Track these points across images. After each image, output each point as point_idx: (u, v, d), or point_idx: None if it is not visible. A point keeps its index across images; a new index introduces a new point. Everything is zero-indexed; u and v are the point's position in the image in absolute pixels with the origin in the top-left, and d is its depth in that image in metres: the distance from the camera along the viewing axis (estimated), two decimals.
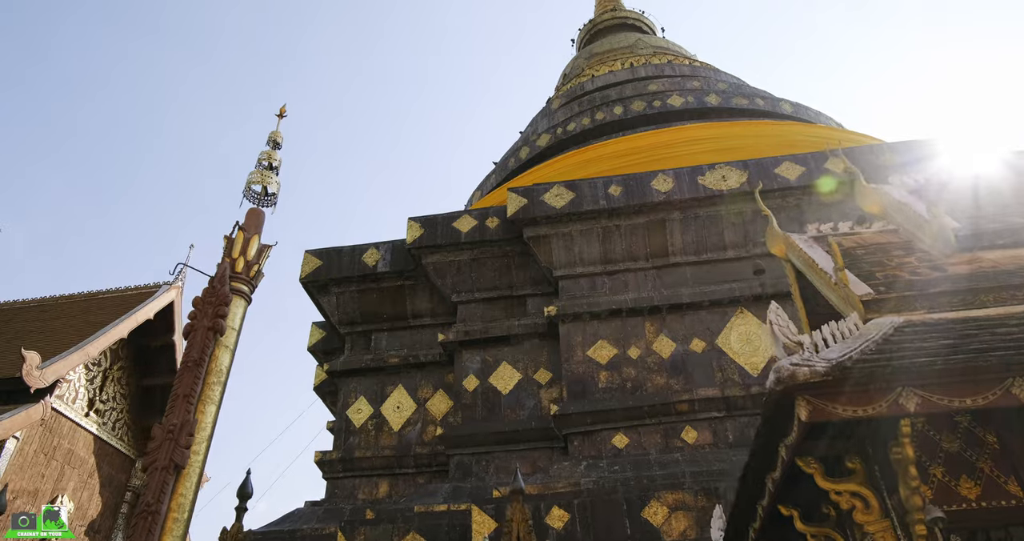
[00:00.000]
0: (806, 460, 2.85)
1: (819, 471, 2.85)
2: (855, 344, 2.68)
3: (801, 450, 2.75)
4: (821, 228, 4.57)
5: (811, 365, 2.53)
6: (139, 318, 16.66)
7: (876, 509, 2.76)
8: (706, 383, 8.95)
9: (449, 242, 10.55)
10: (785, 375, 2.53)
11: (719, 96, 13.71)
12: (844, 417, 2.49)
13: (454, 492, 8.71)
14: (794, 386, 2.52)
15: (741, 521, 3.78)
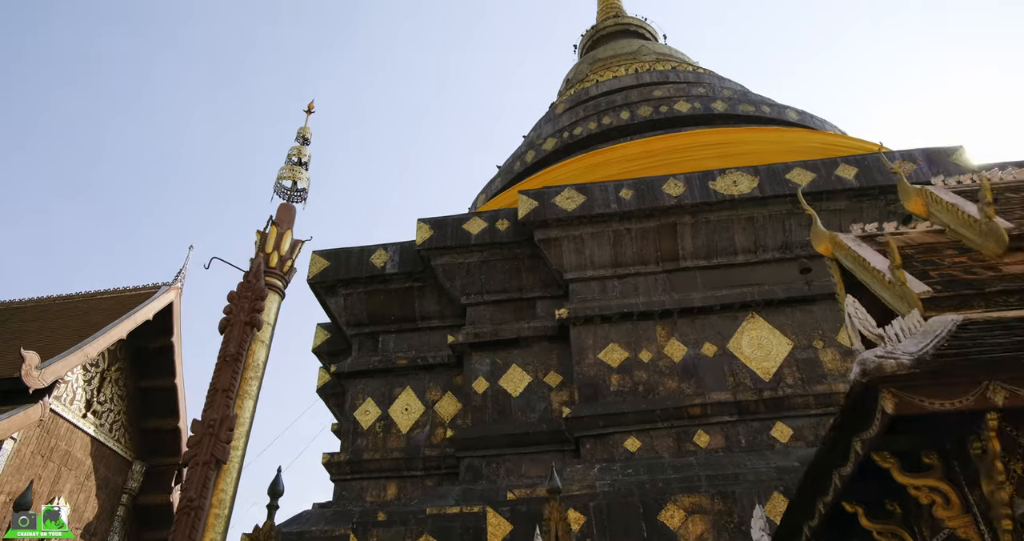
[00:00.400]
0: (882, 455, 2.84)
1: (895, 466, 2.84)
2: (927, 340, 2.67)
3: (878, 444, 2.74)
4: (866, 228, 4.58)
5: (896, 357, 2.52)
6: (138, 319, 16.53)
7: (957, 504, 2.75)
8: (718, 387, 8.96)
9: (459, 244, 10.53)
10: (871, 367, 2.52)
11: (725, 102, 13.78)
12: (930, 410, 2.48)
13: (465, 494, 8.67)
14: (880, 378, 2.51)
15: (797, 518, 3.77)
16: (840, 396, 8.62)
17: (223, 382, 3.99)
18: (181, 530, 3.44)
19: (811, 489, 3.38)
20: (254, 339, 4.26)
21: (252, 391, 4.14)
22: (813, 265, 9.85)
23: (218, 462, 3.75)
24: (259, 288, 4.41)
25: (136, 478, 16.92)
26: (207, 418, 3.88)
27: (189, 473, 3.70)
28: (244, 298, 4.36)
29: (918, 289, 3.22)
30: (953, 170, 9.77)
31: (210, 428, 3.81)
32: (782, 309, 9.49)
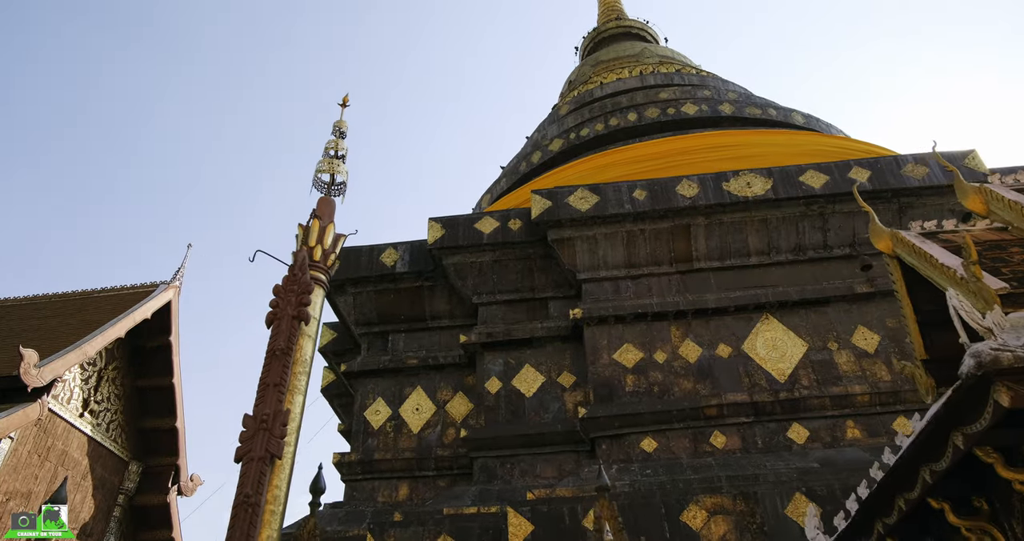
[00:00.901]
0: (985, 450, 2.83)
1: (999, 461, 2.82)
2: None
3: (983, 439, 2.73)
4: (925, 225, 4.58)
5: (1012, 350, 2.52)
6: (136, 317, 16.33)
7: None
8: (733, 388, 8.95)
9: (471, 243, 10.48)
10: (987, 360, 2.51)
11: (732, 105, 13.81)
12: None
13: (481, 495, 8.62)
14: (995, 371, 2.50)
15: (870, 515, 3.75)
16: (857, 397, 8.66)
17: (274, 376, 3.92)
18: (239, 527, 3.37)
19: (891, 485, 3.36)
20: (301, 333, 4.21)
21: (301, 386, 4.08)
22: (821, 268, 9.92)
23: (272, 458, 3.69)
24: (305, 282, 4.35)
25: (132, 478, 16.69)
26: (259, 413, 3.81)
27: (243, 469, 3.63)
28: (290, 292, 4.29)
29: (995, 285, 3.23)
30: (967, 174, 9.83)
31: (263, 423, 3.75)
32: (796, 311, 9.51)
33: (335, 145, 5.47)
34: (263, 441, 3.67)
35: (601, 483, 5.02)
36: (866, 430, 8.54)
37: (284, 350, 4.02)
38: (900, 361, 5.20)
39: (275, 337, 4.12)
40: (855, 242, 9.95)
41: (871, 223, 5.14)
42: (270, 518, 3.55)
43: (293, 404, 3.97)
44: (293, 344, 4.10)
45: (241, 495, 3.50)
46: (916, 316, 4.23)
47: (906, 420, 8.58)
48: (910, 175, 9.86)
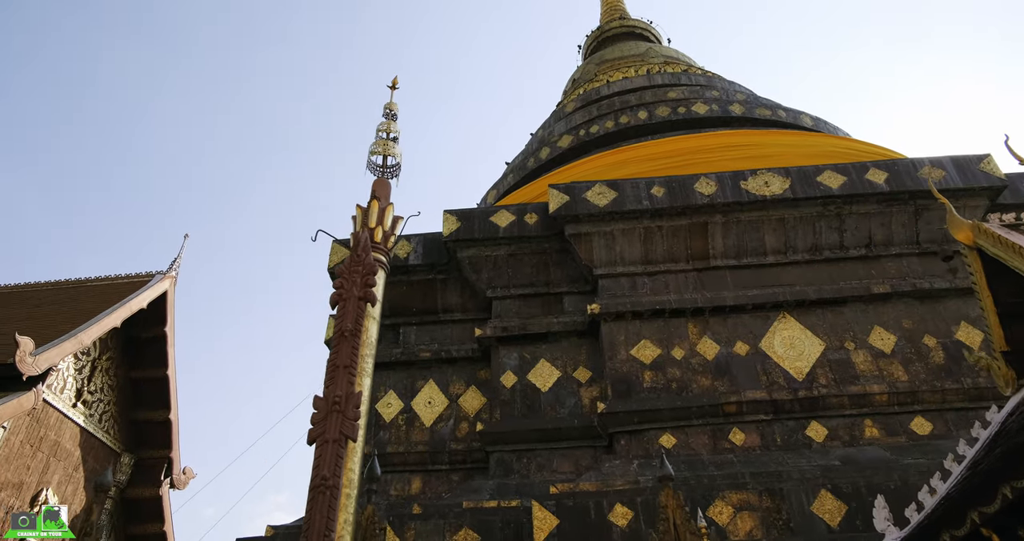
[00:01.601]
0: None
1: None
2: None
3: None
4: (1004, 217, 4.59)
5: None
6: (132, 307, 16.09)
7: None
8: (752, 386, 8.96)
9: (486, 236, 10.42)
10: None
11: (742, 106, 13.86)
12: None
13: (499, 489, 8.55)
14: None
15: (956, 504, 3.74)
16: (875, 397, 8.70)
17: (343, 358, 3.84)
18: (318, 509, 3.29)
19: (991, 472, 3.34)
20: (367, 315, 4.12)
21: (368, 368, 4.00)
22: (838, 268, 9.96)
23: (347, 439, 3.60)
24: (369, 263, 4.27)
25: (124, 471, 16.45)
26: (330, 395, 3.72)
27: (318, 451, 3.54)
28: (355, 273, 4.21)
29: None
30: (981, 178, 9.94)
31: (336, 405, 3.66)
32: (813, 310, 9.54)
33: (387, 127, 5.41)
34: (337, 423, 3.59)
35: (665, 472, 4.97)
36: (884, 429, 8.58)
37: (352, 331, 3.94)
38: (974, 354, 5.17)
39: (342, 318, 4.04)
40: (871, 243, 10.00)
41: (949, 214, 5.17)
42: (346, 502, 3.47)
43: (362, 387, 3.89)
44: (360, 325, 4.02)
45: (318, 478, 3.41)
46: (996, 308, 4.24)
47: (923, 420, 8.64)
48: (927, 178, 9.92)
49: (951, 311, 9.37)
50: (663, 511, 4.60)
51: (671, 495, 4.66)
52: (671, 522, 4.49)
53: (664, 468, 5.03)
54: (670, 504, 4.59)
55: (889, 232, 10.00)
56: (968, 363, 8.94)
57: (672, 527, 4.46)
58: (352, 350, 3.88)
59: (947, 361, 8.97)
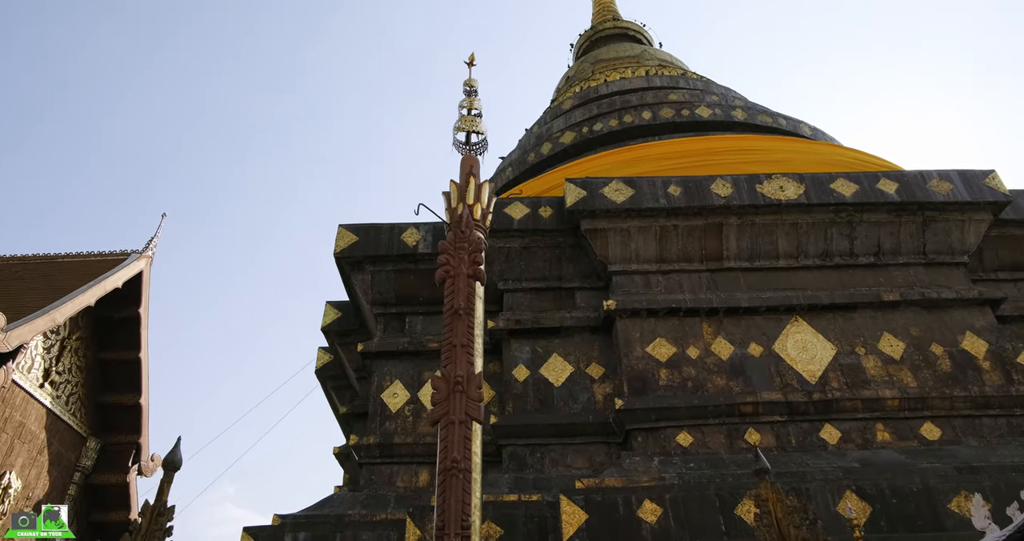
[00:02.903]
0: None
1: None
2: None
3: None
4: None
5: None
6: (107, 286, 15.51)
7: None
8: (766, 387, 9.04)
9: (501, 228, 10.30)
10: None
11: (744, 112, 14.01)
12: None
13: (517, 483, 8.45)
14: None
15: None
16: (887, 401, 8.86)
17: (460, 337, 3.71)
18: (452, 493, 3.16)
19: None
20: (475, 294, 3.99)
21: (479, 348, 3.87)
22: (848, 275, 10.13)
23: (472, 421, 3.47)
24: (475, 239, 4.15)
25: (90, 456, 15.85)
26: (451, 375, 3.59)
27: (444, 433, 3.40)
28: (461, 249, 4.08)
29: None
30: (987, 193, 10.22)
31: (458, 385, 3.53)
32: (824, 314, 9.67)
33: (470, 103, 5.29)
34: (461, 404, 3.46)
35: (760, 466, 4.95)
36: (895, 433, 8.74)
37: (467, 310, 3.82)
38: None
39: (452, 296, 3.90)
40: (880, 251, 10.19)
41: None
42: (474, 485, 3.34)
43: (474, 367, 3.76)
44: (473, 303, 3.90)
45: (448, 460, 3.28)
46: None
47: (933, 426, 8.83)
48: (935, 190, 10.16)
49: (956, 321, 9.60)
50: (764, 504, 4.58)
51: (769, 488, 4.64)
52: (773, 515, 4.46)
53: (760, 461, 5.01)
54: (771, 498, 4.57)
55: (897, 241, 10.20)
56: (973, 372, 9.18)
57: (775, 521, 4.43)
58: (468, 329, 3.76)
59: (954, 369, 9.19)
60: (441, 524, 3.09)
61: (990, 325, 9.55)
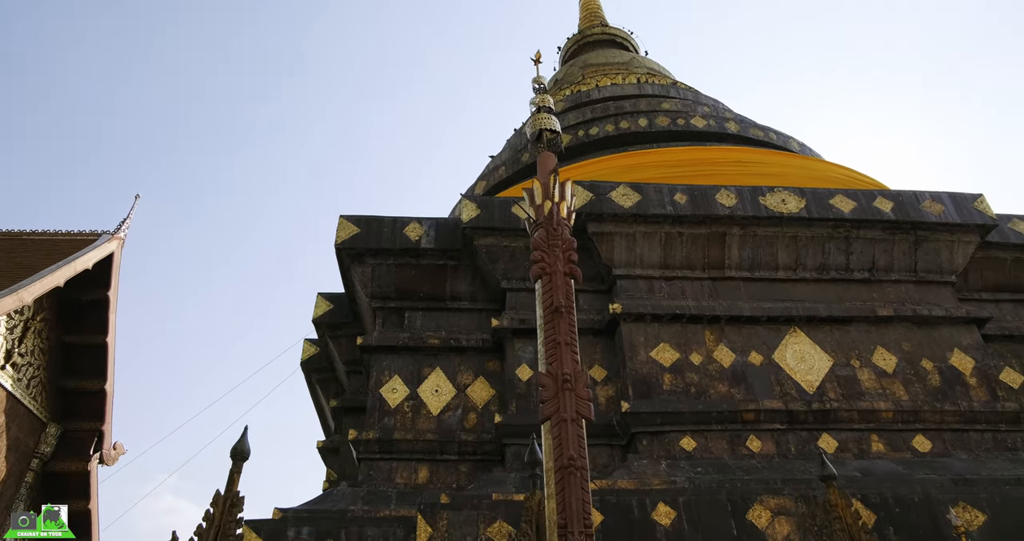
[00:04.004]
0: None
1: None
2: None
3: None
4: None
5: None
6: (77, 267, 14.95)
7: None
8: (767, 395, 9.22)
9: (506, 226, 10.29)
10: None
11: (737, 124, 14.28)
12: None
13: (524, 482, 8.43)
14: None
15: None
16: (881, 413, 9.13)
17: (563, 335, 3.68)
18: (572, 491, 3.14)
19: None
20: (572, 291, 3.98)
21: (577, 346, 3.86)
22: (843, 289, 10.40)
23: (583, 419, 3.47)
24: (567, 238, 4.15)
25: (49, 442, 15.21)
26: (557, 372, 3.56)
27: (556, 431, 3.38)
28: (555, 247, 4.07)
29: None
30: (976, 216, 10.61)
31: (566, 383, 3.51)
32: (821, 326, 9.92)
33: (541, 100, 5.27)
34: (571, 402, 3.45)
35: (828, 472, 5.03)
36: (889, 444, 9.01)
37: (567, 307, 3.80)
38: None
39: (550, 294, 3.88)
40: (874, 267, 10.50)
41: None
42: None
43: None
44: (572, 301, 3.89)
45: (565, 458, 3.26)
46: None
47: (924, 438, 9.14)
48: (928, 210, 10.52)
49: (945, 338, 9.95)
50: (834, 510, 4.67)
51: (837, 494, 4.73)
52: (844, 521, 4.55)
53: (827, 468, 5.10)
54: (840, 503, 4.65)
55: (891, 259, 10.52)
56: (961, 387, 9.53)
57: (847, 525, 4.52)
58: (570, 326, 3.74)
59: (943, 384, 9.52)
60: (563, 522, 3.06)
61: (976, 343, 9.93)
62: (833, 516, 4.65)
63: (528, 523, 4.82)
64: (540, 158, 4.81)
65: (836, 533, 4.53)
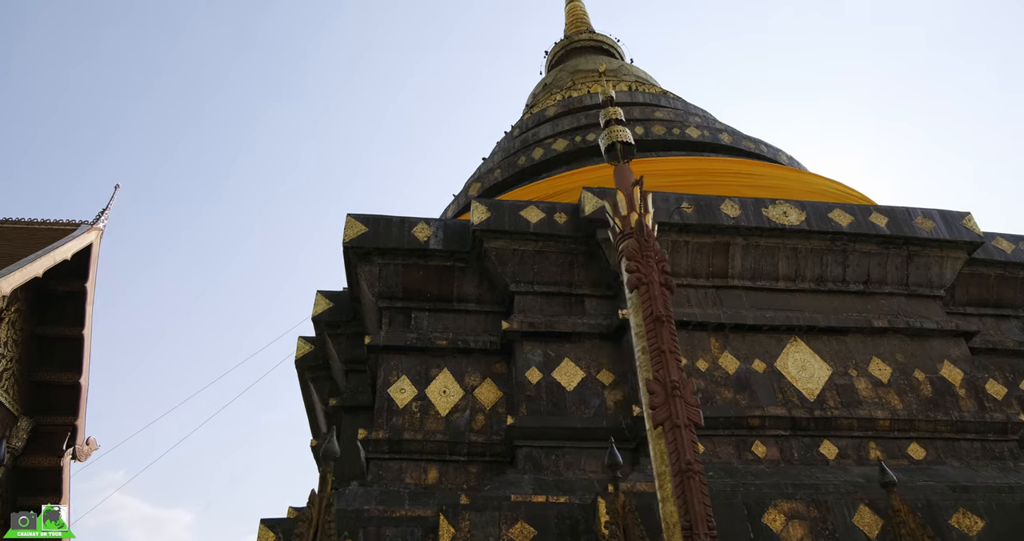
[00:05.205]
0: None
1: None
2: None
3: None
4: None
5: None
6: (56, 257, 14.58)
7: None
8: (769, 402, 9.48)
9: (516, 230, 10.37)
10: None
11: (730, 135, 14.58)
12: None
13: (539, 484, 8.53)
14: None
15: None
16: (879, 421, 9.46)
17: (667, 343, 3.81)
18: (695, 495, 3.25)
19: None
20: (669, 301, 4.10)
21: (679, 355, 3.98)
22: (840, 300, 10.73)
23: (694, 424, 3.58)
24: (659, 250, 4.25)
25: (21, 436, 14.81)
26: (665, 379, 3.68)
27: (670, 436, 3.49)
28: (649, 258, 4.19)
29: None
30: (965, 233, 11.07)
31: (675, 390, 3.63)
32: (820, 336, 10.23)
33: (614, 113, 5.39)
34: (682, 409, 3.57)
35: (888, 479, 5.21)
36: (886, 452, 9.34)
37: (667, 317, 3.91)
38: None
39: (650, 303, 4.01)
40: (869, 280, 10.86)
41: None
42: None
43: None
44: (670, 311, 4.00)
45: (683, 462, 3.37)
46: None
47: (918, 446, 9.50)
48: (920, 226, 10.93)
49: (936, 350, 10.36)
50: (897, 515, 4.86)
51: (899, 499, 4.92)
52: (909, 526, 4.74)
53: (886, 474, 5.29)
54: (902, 509, 4.85)
55: (884, 272, 10.90)
56: (951, 398, 9.93)
57: (911, 531, 4.72)
58: (671, 335, 3.86)
59: (935, 394, 9.91)
60: (687, 524, 3.18)
61: (964, 355, 10.36)
62: (897, 521, 4.85)
63: (616, 525, 4.91)
64: (618, 170, 4.92)
65: (903, 538, 4.73)
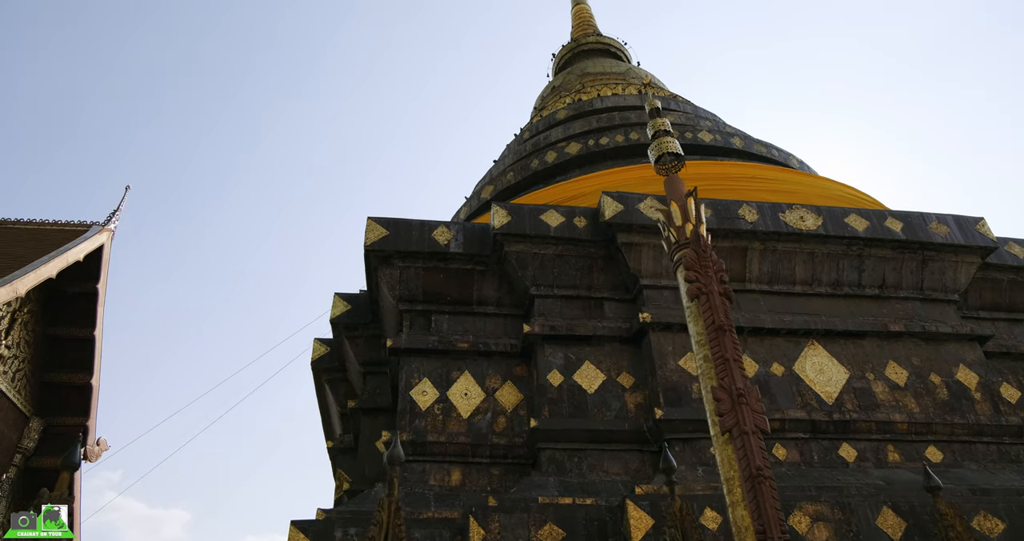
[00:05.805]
0: None
1: None
2: None
3: None
4: None
5: None
6: (69, 258, 14.59)
7: None
8: (788, 405, 9.58)
9: (537, 234, 10.45)
10: None
11: (742, 139, 14.70)
12: None
13: (564, 486, 8.60)
14: None
15: None
16: (897, 424, 9.58)
17: (731, 352, 3.89)
18: (766, 500, 3.33)
19: None
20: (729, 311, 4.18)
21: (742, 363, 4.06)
22: (855, 304, 10.84)
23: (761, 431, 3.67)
24: (717, 261, 4.33)
25: (32, 437, 14.82)
26: (731, 387, 3.76)
27: (739, 443, 3.57)
28: (707, 267, 4.26)
29: None
30: (979, 238, 11.19)
31: (741, 397, 3.71)
32: (837, 340, 10.34)
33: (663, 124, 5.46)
34: (749, 416, 3.65)
35: (933, 483, 5.31)
36: (903, 455, 9.46)
37: (728, 326, 4.00)
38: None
39: (711, 313, 4.09)
40: (884, 285, 10.98)
41: None
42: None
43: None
44: (731, 320, 4.08)
45: (753, 468, 3.45)
46: None
47: (936, 449, 9.62)
48: (934, 231, 11.06)
49: (951, 354, 10.48)
50: (943, 519, 4.95)
51: (944, 502, 5.01)
52: (956, 530, 4.83)
53: (931, 478, 5.38)
54: (948, 513, 4.94)
55: (899, 277, 11.02)
56: (967, 401, 10.05)
57: (959, 535, 4.81)
58: (734, 344, 3.94)
59: (951, 398, 10.03)
60: (760, 528, 3.26)
61: (979, 359, 10.48)
62: (946, 524, 4.94)
63: (674, 527, 4.99)
64: (669, 181, 4.99)
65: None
